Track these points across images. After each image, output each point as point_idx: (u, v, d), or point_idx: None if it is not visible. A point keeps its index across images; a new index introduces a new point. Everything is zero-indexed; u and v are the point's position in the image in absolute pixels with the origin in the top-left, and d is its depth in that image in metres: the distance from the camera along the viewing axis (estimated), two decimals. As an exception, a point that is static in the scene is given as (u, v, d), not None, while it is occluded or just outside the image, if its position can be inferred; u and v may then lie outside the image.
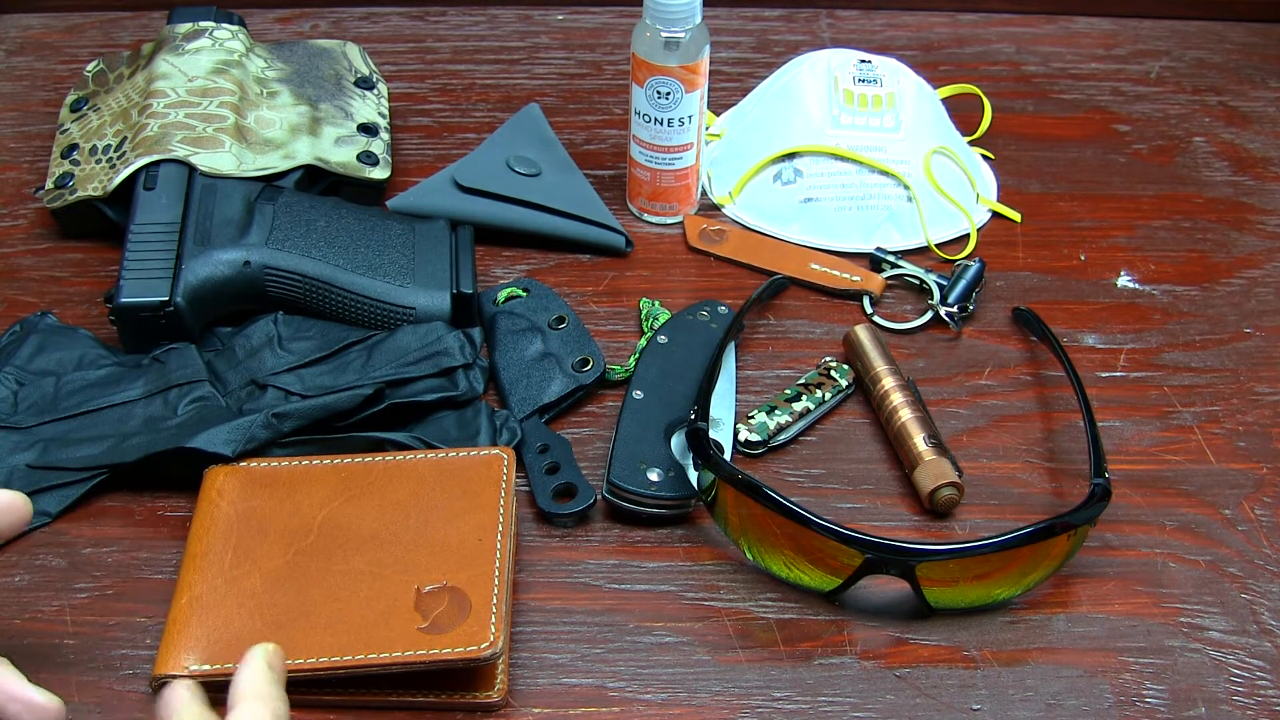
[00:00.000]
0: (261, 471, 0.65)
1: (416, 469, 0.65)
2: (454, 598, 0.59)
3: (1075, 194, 0.88)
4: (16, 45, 0.98)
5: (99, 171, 0.78)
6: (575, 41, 0.99)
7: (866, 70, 0.85)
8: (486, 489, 0.64)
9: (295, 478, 0.65)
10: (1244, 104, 0.96)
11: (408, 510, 0.63)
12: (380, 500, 0.64)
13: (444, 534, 0.62)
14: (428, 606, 0.59)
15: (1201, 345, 0.78)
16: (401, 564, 0.61)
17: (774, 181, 0.84)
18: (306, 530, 0.62)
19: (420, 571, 0.60)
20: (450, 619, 0.58)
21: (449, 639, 0.57)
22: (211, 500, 0.64)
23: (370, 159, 0.82)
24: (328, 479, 0.65)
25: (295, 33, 0.99)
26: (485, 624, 0.58)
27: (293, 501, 0.64)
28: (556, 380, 0.72)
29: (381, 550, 0.61)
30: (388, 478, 0.65)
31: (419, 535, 0.62)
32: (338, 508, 0.63)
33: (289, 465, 0.66)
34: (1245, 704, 0.60)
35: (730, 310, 0.76)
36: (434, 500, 0.63)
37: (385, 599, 0.59)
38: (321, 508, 0.63)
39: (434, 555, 0.61)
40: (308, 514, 0.63)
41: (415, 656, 0.57)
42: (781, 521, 0.62)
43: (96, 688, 0.60)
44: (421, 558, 0.61)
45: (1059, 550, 0.63)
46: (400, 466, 0.65)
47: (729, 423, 0.71)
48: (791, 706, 0.60)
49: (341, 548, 0.62)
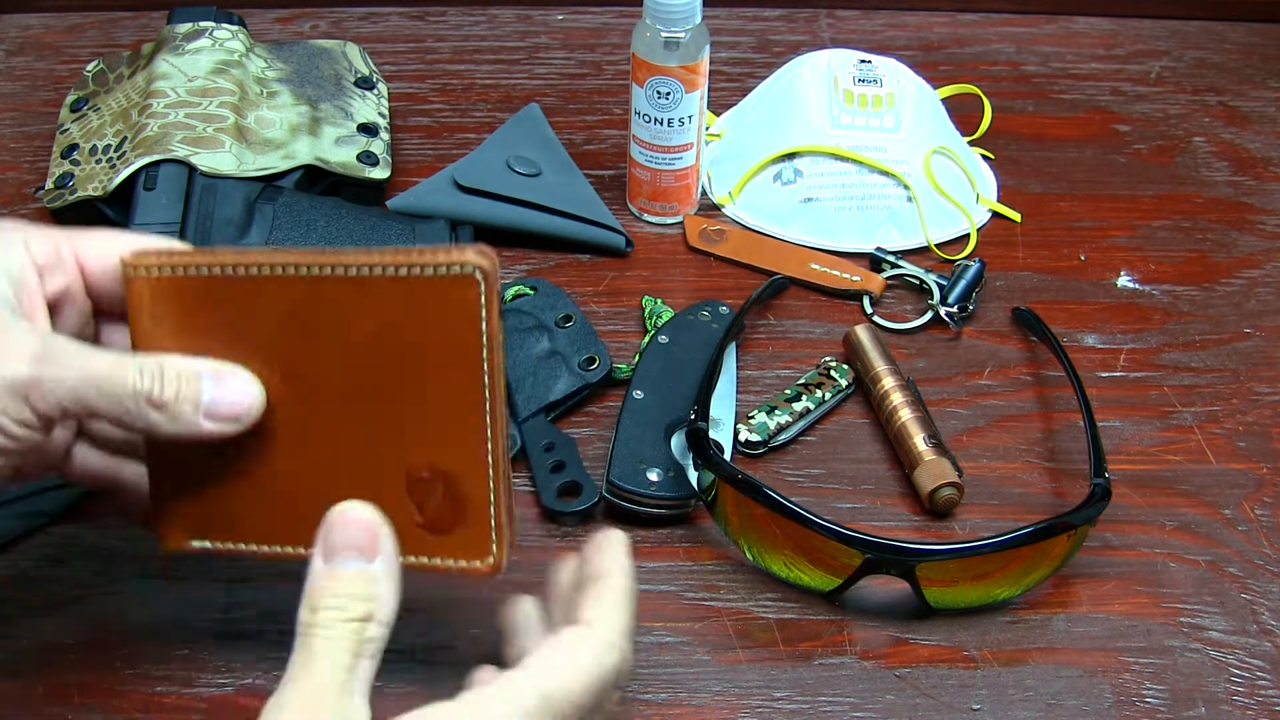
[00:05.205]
0: (194, 284, 0.53)
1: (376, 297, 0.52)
2: (448, 489, 0.52)
3: (1075, 194, 0.88)
4: (16, 45, 0.98)
5: (99, 171, 0.78)
6: (575, 41, 0.99)
7: (866, 70, 0.85)
8: (463, 330, 0.51)
9: (236, 297, 0.53)
10: (1244, 104, 0.96)
11: (375, 357, 0.52)
12: (341, 341, 0.52)
13: (423, 392, 0.52)
14: (421, 497, 0.53)
15: (1201, 345, 0.78)
16: (382, 432, 0.52)
17: (774, 181, 0.84)
18: (266, 371, 0.53)
19: (406, 444, 0.52)
20: (447, 517, 0.52)
21: (448, 545, 0.52)
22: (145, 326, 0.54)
23: (370, 159, 0.82)
24: (273, 299, 0.53)
25: (295, 33, 0.99)
26: (485, 531, 0.52)
27: (239, 330, 0.53)
28: (563, 378, 0.72)
29: (356, 409, 0.53)
30: (343, 310, 0.52)
31: (394, 390, 0.52)
32: (293, 345, 0.53)
33: (224, 275, 0.53)
34: (1245, 704, 0.60)
35: (731, 310, 0.76)
36: (403, 343, 0.52)
37: (374, 479, 0.52)
38: (275, 342, 0.53)
39: (415, 422, 0.52)
40: (261, 348, 0.53)
41: (415, 563, 0.52)
42: (781, 521, 0.62)
43: (97, 688, 0.60)
44: (403, 426, 0.52)
45: (1059, 550, 0.63)
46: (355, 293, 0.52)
47: (729, 423, 0.71)
48: (791, 706, 0.60)
49: (311, 402, 0.53)
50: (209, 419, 0.51)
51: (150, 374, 0.50)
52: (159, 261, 0.53)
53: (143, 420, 0.50)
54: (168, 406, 0.50)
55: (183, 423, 0.51)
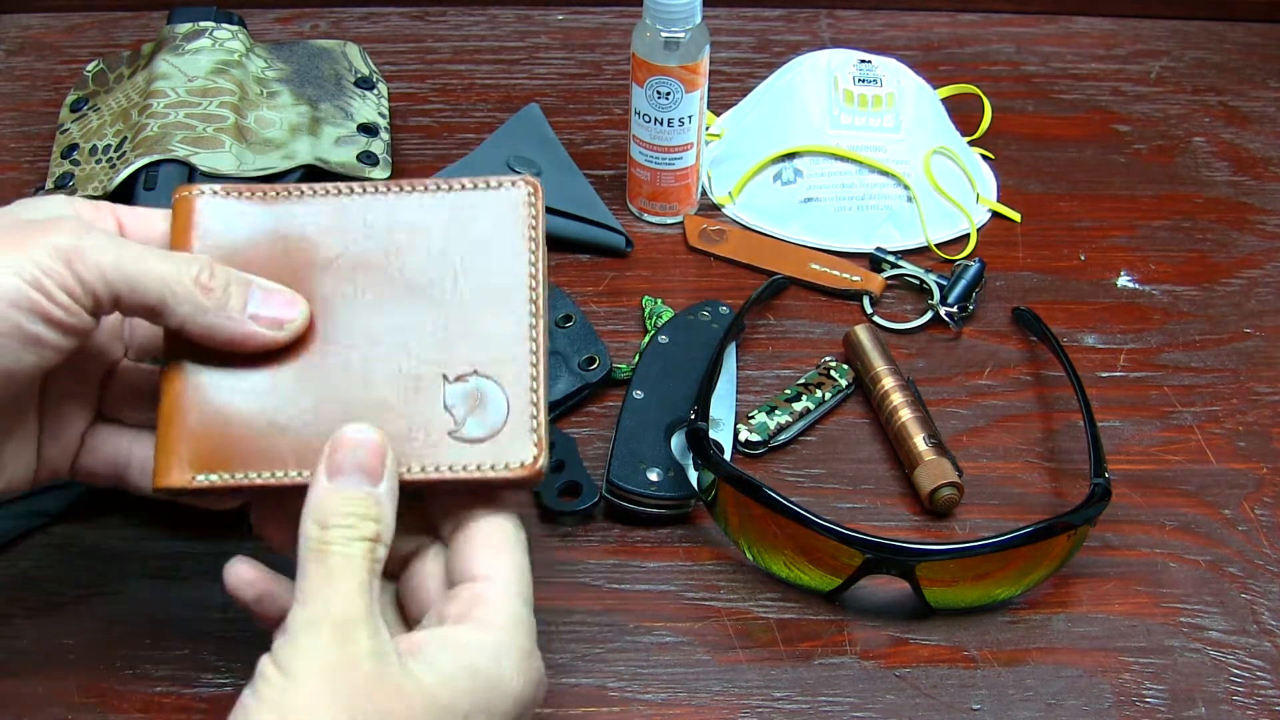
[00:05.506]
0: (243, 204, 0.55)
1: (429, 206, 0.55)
2: (487, 393, 0.52)
3: (1075, 194, 0.88)
4: (16, 45, 0.98)
5: (99, 171, 0.78)
6: (575, 41, 0.99)
7: (866, 70, 0.85)
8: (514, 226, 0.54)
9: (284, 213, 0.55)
10: (1244, 104, 0.96)
11: (422, 261, 0.54)
12: (388, 246, 0.54)
13: (468, 290, 0.53)
14: (458, 402, 0.52)
15: (1201, 345, 0.78)
16: (421, 339, 0.53)
17: (774, 181, 0.84)
18: (304, 290, 0.54)
19: (445, 351, 0.52)
20: (485, 423, 0.51)
21: (486, 451, 0.51)
22: (189, 240, 0.54)
23: (370, 159, 0.82)
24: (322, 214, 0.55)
25: (295, 33, 0.99)
26: (525, 434, 0.51)
27: (282, 246, 0.54)
28: (563, 378, 0.72)
29: (397, 319, 0.53)
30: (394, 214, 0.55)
31: (438, 297, 0.53)
32: (338, 257, 0.54)
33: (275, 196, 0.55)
34: (1245, 704, 0.60)
35: (731, 310, 0.76)
36: (453, 244, 0.54)
37: (407, 393, 0.52)
38: (319, 257, 0.54)
39: (459, 326, 0.53)
40: (302, 265, 0.54)
41: (451, 476, 0.51)
42: (782, 521, 0.62)
43: (97, 688, 0.60)
44: (444, 329, 0.53)
45: (1059, 550, 0.63)
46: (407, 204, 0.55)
47: (729, 423, 0.71)
48: (791, 706, 0.60)
49: (349, 315, 0.53)
50: (254, 321, 0.52)
51: (202, 265, 0.51)
52: (209, 187, 0.55)
53: (190, 304, 0.50)
54: (215, 293, 0.51)
55: (227, 315, 0.51)
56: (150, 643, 0.61)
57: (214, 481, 0.51)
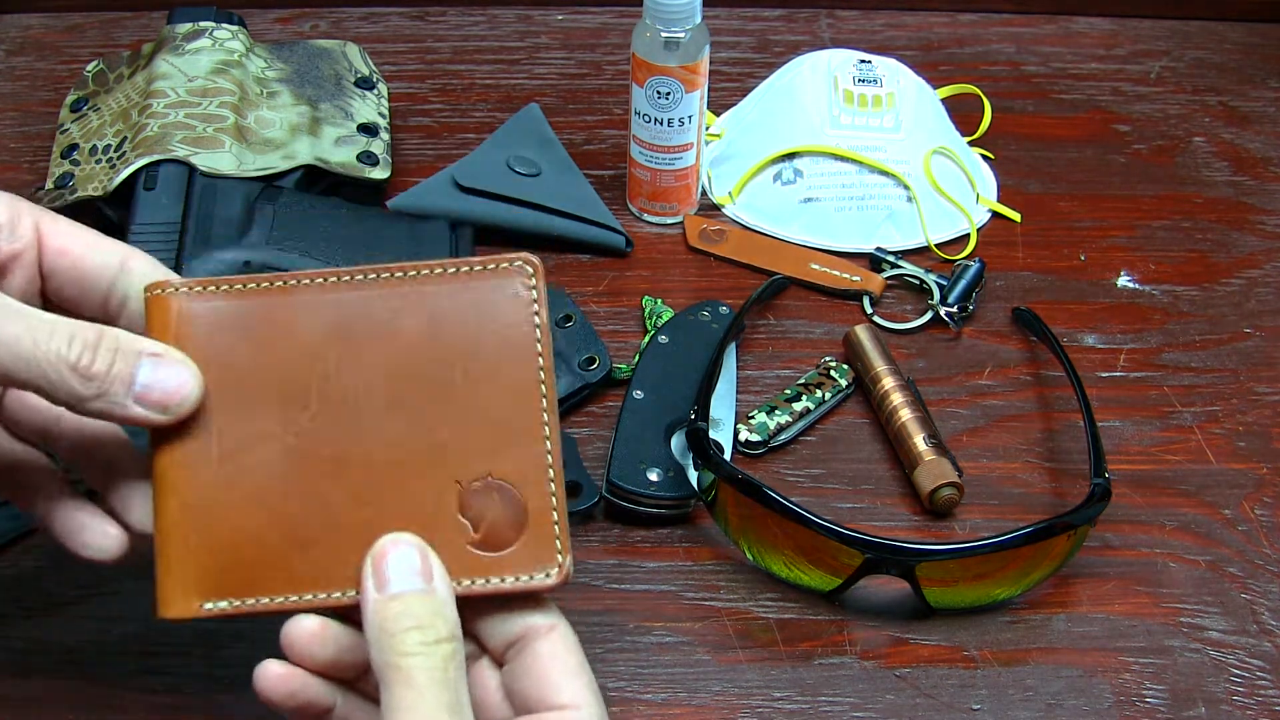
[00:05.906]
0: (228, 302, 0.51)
1: (425, 296, 0.51)
2: (504, 499, 0.49)
3: (1075, 194, 0.88)
4: (16, 45, 0.98)
5: (99, 171, 0.78)
6: (575, 41, 0.99)
7: (866, 70, 0.85)
8: (517, 321, 0.51)
9: (274, 310, 0.51)
10: (1244, 104, 0.96)
11: (423, 363, 0.50)
12: (387, 349, 0.50)
13: (476, 394, 0.50)
14: (476, 511, 0.49)
15: (1201, 345, 0.78)
16: (432, 444, 0.50)
17: (774, 181, 0.84)
18: (303, 395, 0.50)
19: (457, 456, 0.50)
20: (504, 531, 0.49)
21: (509, 562, 0.49)
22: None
23: (370, 159, 0.82)
24: (317, 310, 0.51)
25: (295, 33, 0.99)
26: (548, 539, 0.49)
27: (276, 348, 0.50)
28: (563, 378, 0.72)
29: (404, 424, 0.50)
30: (393, 309, 0.51)
31: (444, 397, 0.50)
32: (338, 358, 0.50)
33: (261, 289, 0.51)
34: (1245, 704, 0.60)
35: (731, 310, 0.76)
36: (453, 344, 0.50)
37: (424, 503, 0.49)
38: (316, 358, 0.50)
39: (468, 428, 0.50)
40: (300, 368, 0.50)
41: (471, 589, 0.49)
42: (781, 521, 0.62)
43: (96, 688, 0.60)
44: (454, 432, 0.50)
45: (1059, 550, 0.63)
46: (401, 295, 0.51)
47: (729, 423, 0.71)
48: (791, 706, 0.60)
49: (354, 421, 0.50)
50: (139, 404, 0.47)
51: (84, 342, 0.47)
52: (184, 283, 0.51)
53: (65, 391, 0.46)
54: (96, 380, 0.47)
55: (109, 401, 0.47)
56: (149, 644, 0.61)
57: (224, 609, 0.49)
